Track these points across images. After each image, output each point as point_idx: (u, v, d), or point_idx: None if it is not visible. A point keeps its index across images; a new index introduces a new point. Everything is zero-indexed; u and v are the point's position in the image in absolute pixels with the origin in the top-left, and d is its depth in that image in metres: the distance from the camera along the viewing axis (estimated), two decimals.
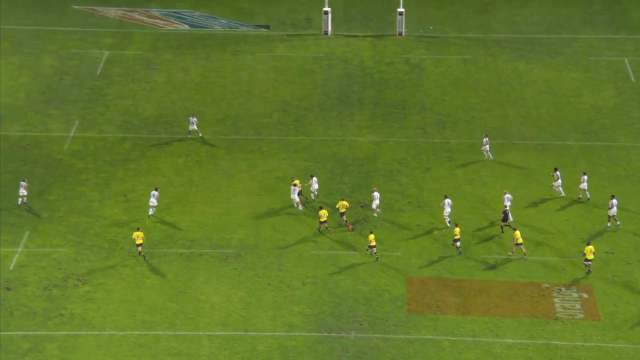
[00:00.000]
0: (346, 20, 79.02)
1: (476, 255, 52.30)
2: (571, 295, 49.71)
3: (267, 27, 78.46)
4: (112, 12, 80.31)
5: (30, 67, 70.62)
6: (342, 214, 53.61)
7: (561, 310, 48.79)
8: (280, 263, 51.87)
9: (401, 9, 76.41)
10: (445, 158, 61.01)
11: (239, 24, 78.83)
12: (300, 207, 54.95)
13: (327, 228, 53.21)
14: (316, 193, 55.95)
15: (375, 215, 54.62)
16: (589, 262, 50.45)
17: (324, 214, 52.69)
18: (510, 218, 53.98)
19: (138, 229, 51.53)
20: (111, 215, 55.06)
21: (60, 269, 50.89)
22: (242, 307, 48.76)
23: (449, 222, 53.64)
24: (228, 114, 65.57)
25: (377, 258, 51.36)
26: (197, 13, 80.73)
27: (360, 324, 47.87)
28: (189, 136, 60.91)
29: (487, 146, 59.48)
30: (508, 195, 54.26)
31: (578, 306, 48.93)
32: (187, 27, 78.29)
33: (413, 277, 50.97)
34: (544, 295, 49.72)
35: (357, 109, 66.59)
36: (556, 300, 49.39)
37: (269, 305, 48.92)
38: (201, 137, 60.92)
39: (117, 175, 58.51)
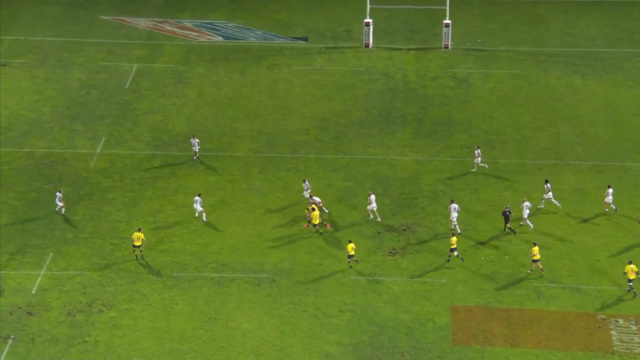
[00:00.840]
0: (389, 33, 78.95)
1: (526, 283, 51.68)
2: (629, 327, 48.92)
3: (305, 39, 78.59)
4: (142, 22, 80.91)
5: (56, 81, 71.26)
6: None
7: (619, 343, 48.02)
8: (317, 289, 51.61)
9: (447, 21, 76.18)
10: (493, 179, 60.50)
11: (276, 36, 79.03)
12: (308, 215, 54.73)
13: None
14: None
15: (371, 217, 55.29)
16: (631, 283, 49.95)
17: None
18: (530, 223, 53.61)
19: (139, 230, 52.53)
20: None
21: (84, 293, 51.03)
22: (276, 336, 48.53)
23: (455, 226, 54.32)
24: (262, 131, 65.61)
25: (350, 266, 52.16)
26: (231, 24, 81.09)
27: (402, 355, 47.44)
28: (195, 158, 60.62)
29: (479, 158, 59.92)
30: (527, 203, 54.78)
31: (637, 339, 48.14)
32: (220, 39, 78.64)
33: (458, 305, 50.45)
34: (599, 327, 48.97)
35: (399, 126, 66.34)
36: (613, 332, 48.62)
37: (304, 334, 48.64)
38: (197, 158, 60.56)
39: (146, 194, 58.69)
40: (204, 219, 55.77)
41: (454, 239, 52.66)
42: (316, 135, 65.19)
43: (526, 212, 54.82)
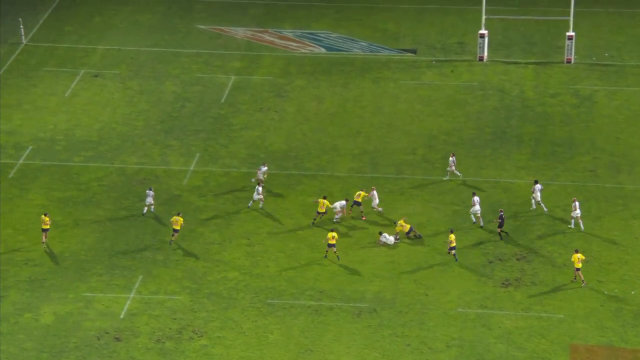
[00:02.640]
0: (505, 45, 78.39)
1: None
2: None
3: (414, 51, 78.55)
4: (240, 32, 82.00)
5: (150, 93, 72.70)
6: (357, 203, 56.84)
7: None
8: (422, 321, 51.34)
9: (571, 33, 75.27)
10: (619, 206, 59.39)
11: (382, 48, 79.20)
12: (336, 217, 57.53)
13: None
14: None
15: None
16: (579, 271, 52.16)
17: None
18: (574, 224, 54.43)
19: (179, 214, 55.23)
20: (232, 260, 55.77)
21: (175, 319, 51.75)
22: None
23: (477, 220, 56.76)
24: (365, 149, 65.72)
25: (338, 257, 54.40)
26: (334, 35, 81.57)
27: None
28: (253, 180, 60.94)
29: (453, 167, 60.70)
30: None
31: None
32: (322, 50, 79.15)
33: (578, 344, 49.57)
34: None
35: (515, 147, 65.70)
36: None
37: None
38: (255, 181, 60.70)
39: (240, 215, 59.30)
40: (261, 205, 58.28)
41: (452, 236, 53.85)
42: (423, 155, 65.00)
43: (576, 213, 56.27)
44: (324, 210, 57.16)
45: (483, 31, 76.13)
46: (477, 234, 57.14)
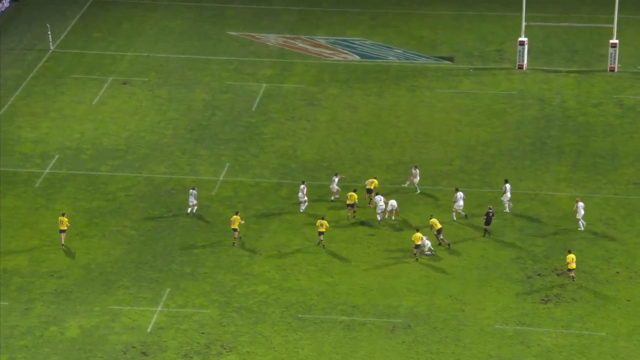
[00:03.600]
0: (546, 53, 78.16)
1: None
2: None
3: (451, 59, 78.49)
4: (272, 39, 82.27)
5: (179, 101, 73.08)
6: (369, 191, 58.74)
7: None
8: (458, 338, 51.20)
9: (614, 40, 74.94)
10: None
11: (418, 55, 79.18)
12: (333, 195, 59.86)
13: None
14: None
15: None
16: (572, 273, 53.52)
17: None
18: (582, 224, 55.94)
19: (237, 213, 57.03)
20: (262, 273, 55.89)
21: (203, 333, 51.91)
22: None
23: (465, 215, 58.45)
24: (400, 160, 65.70)
25: (323, 246, 56.71)
26: (369, 42, 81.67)
27: None
28: (334, 198, 61.07)
29: (416, 179, 61.41)
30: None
31: None
32: (357, 57, 79.25)
33: None
34: None
35: (555, 158, 65.46)
36: None
37: None
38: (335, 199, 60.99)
39: (271, 227, 59.43)
40: (303, 208, 59.50)
41: (418, 234, 55.18)
42: (460, 166, 64.89)
43: (581, 213, 57.34)
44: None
45: (523, 38, 75.94)
46: (516, 249, 56.94)
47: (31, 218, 60.19)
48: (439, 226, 56.72)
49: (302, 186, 59.99)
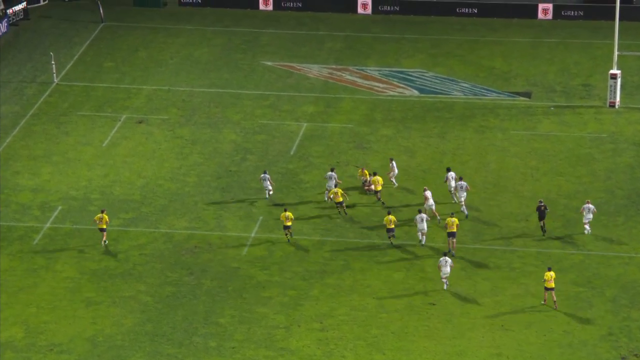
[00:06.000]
0: None
1: None
2: None
3: (528, 94, 78.45)
4: (314, 70, 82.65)
5: (204, 142, 73.46)
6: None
7: None
8: None
9: None
10: None
11: (488, 90, 79.21)
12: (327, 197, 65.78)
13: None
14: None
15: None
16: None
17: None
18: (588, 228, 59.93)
19: (285, 210, 62.27)
20: (300, 348, 55.79)
21: None
22: None
23: (463, 209, 63.98)
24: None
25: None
26: (429, 73, 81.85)
27: None
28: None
29: (395, 171, 67.14)
30: (590, 206, 62.41)
31: None
32: (415, 92, 79.42)
33: None
34: None
35: None
36: None
37: None
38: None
39: (311, 293, 59.39)
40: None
41: (390, 217, 61.54)
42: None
43: (588, 217, 61.89)
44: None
45: (615, 71, 75.82)
46: (607, 323, 56.46)
47: (28, 281, 60.55)
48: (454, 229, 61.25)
49: (264, 175, 66.49)
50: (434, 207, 64.03)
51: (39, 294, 59.40)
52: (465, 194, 64.84)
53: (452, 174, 65.80)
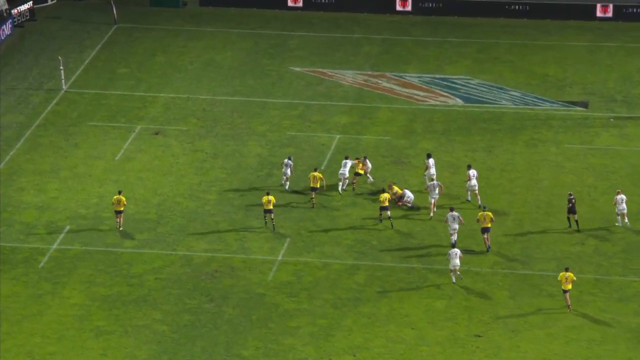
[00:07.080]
0: None
1: None
2: None
3: (584, 104, 78.20)
4: (349, 77, 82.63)
5: (226, 156, 73.47)
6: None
7: None
8: None
9: None
10: None
11: (540, 99, 79.01)
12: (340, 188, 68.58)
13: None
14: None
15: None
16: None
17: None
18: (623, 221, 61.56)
19: (267, 193, 64.91)
20: None
21: None
22: None
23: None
24: (517, 234, 65.21)
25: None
26: (475, 81, 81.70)
27: None
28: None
29: (368, 167, 69.88)
30: (623, 197, 64.81)
31: None
32: (459, 101, 79.25)
33: None
34: None
35: None
36: None
37: None
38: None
39: (344, 322, 59.20)
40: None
41: (385, 195, 64.99)
42: (596, 247, 64.24)
43: (621, 207, 64.33)
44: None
45: None
46: None
47: (32, 308, 60.57)
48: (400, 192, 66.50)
49: (287, 160, 69.01)
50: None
51: (45, 323, 59.41)
52: (437, 196, 66.33)
53: (432, 161, 68.36)
